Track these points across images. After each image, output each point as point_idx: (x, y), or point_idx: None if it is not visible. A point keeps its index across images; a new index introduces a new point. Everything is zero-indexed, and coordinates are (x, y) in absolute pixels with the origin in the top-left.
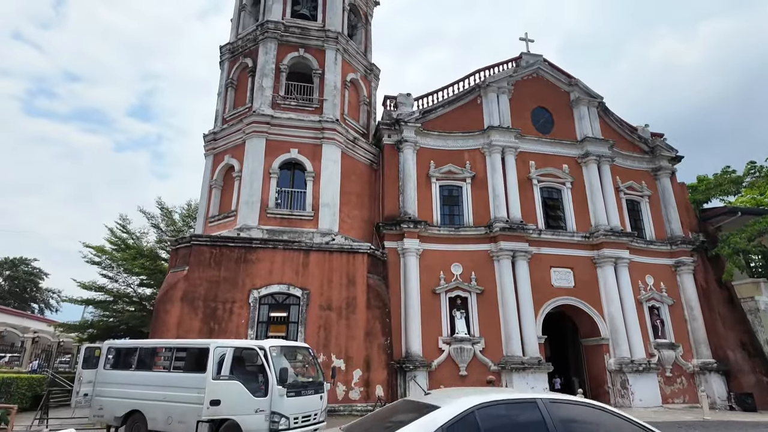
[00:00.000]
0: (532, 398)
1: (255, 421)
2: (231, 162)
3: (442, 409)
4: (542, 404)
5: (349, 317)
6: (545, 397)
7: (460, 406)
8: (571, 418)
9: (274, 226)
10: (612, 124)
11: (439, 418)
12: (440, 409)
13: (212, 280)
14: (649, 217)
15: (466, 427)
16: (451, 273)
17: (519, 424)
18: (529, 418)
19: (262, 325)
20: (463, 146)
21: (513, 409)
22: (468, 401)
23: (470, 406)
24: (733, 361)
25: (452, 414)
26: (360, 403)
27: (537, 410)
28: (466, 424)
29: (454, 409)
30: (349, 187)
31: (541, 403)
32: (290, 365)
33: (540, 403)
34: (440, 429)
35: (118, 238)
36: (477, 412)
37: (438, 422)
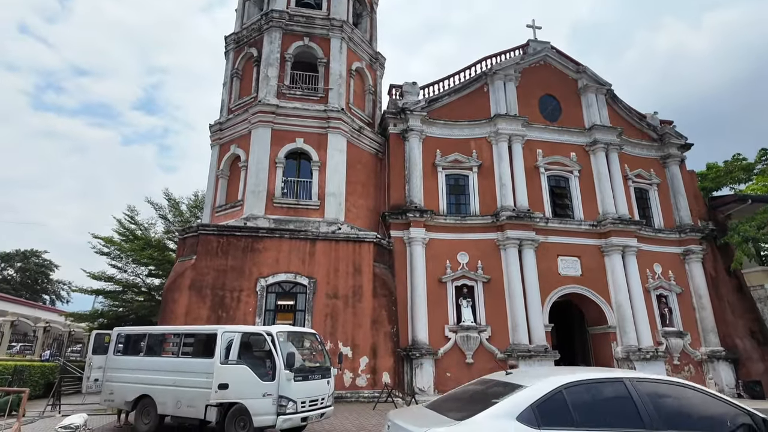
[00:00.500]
0: (619, 377)
1: (263, 405)
2: (237, 152)
3: (530, 388)
4: (629, 383)
5: (355, 305)
6: (632, 376)
7: (548, 386)
8: (659, 396)
9: (280, 216)
10: (620, 111)
11: (528, 396)
12: (528, 388)
13: (219, 268)
14: (657, 206)
15: (555, 406)
16: (458, 262)
17: (607, 403)
18: (617, 396)
19: (270, 313)
20: (470, 135)
21: (600, 388)
22: (555, 381)
23: (558, 386)
24: (741, 349)
25: (541, 393)
26: (367, 390)
27: (624, 388)
28: (555, 402)
29: (542, 388)
30: (354, 176)
31: (628, 382)
32: (297, 350)
33: (627, 382)
34: (530, 407)
35: (127, 229)
36: (565, 391)
37: (528, 400)
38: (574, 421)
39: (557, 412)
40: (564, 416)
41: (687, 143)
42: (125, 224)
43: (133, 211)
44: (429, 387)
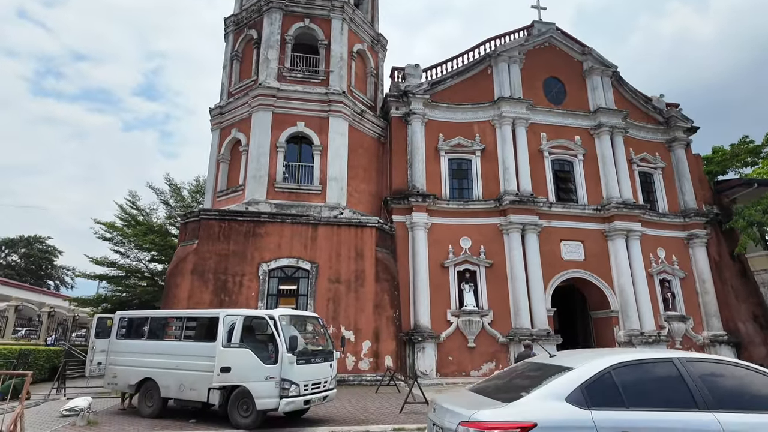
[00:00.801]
0: (669, 357)
1: (265, 388)
2: (238, 136)
3: (578, 370)
4: (679, 363)
5: (357, 290)
6: (682, 356)
7: (596, 367)
8: (711, 375)
9: (282, 200)
10: (626, 94)
11: (576, 377)
12: (576, 369)
13: (221, 253)
14: (662, 190)
15: (604, 387)
16: (460, 247)
17: (658, 383)
18: (667, 376)
19: (272, 297)
20: (473, 118)
21: (649, 369)
22: (603, 362)
23: (606, 366)
24: (744, 334)
25: (589, 374)
26: (369, 374)
27: (674, 368)
28: (604, 383)
29: (590, 369)
30: (356, 160)
31: (678, 362)
32: (300, 334)
33: (677, 362)
34: (578, 388)
35: (128, 215)
36: (613, 371)
37: (576, 382)
38: (624, 402)
39: (606, 393)
40: (614, 397)
41: (693, 126)
42: (127, 209)
43: (134, 196)
44: (431, 370)
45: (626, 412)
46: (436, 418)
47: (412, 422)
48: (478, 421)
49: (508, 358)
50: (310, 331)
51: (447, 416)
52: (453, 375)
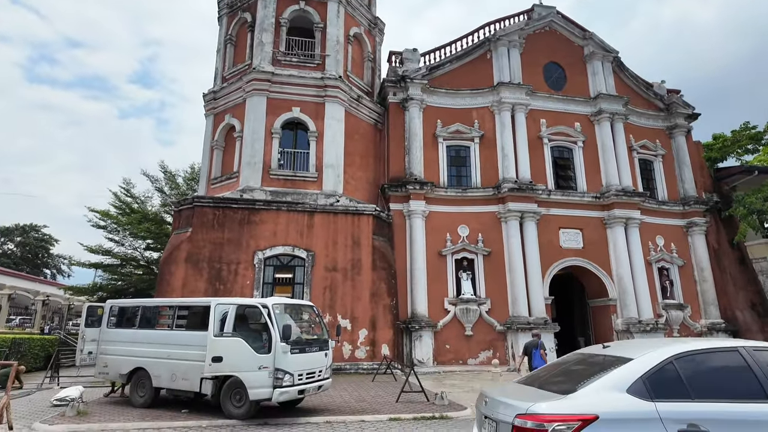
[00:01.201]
0: (734, 346)
1: (258, 378)
2: (232, 122)
3: (638, 360)
4: (745, 352)
5: (354, 278)
6: (748, 345)
7: (657, 357)
8: None
9: (277, 188)
10: (627, 80)
11: (637, 368)
12: (635, 360)
13: (216, 241)
14: (662, 177)
15: (666, 377)
16: (458, 235)
17: (723, 373)
18: (733, 366)
19: (268, 286)
20: (472, 104)
21: (713, 358)
22: (664, 352)
23: (668, 356)
24: (741, 322)
25: (650, 364)
26: (366, 362)
27: (740, 358)
28: (666, 374)
29: (651, 360)
30: (353, 147)
31: (744, 351)
32: (294, 323)
33: (743, 351)
34: (640, 379)
35: (123, 203)
36: (675, 362)
37: (637, 372)
38: (689, 393)
39: (669, 383)
40: (677, 388)
41: (694, 113)
42: (121, 197)
43: (129, 184)
44: (428, 359)
45: (692, 404)
46: (488, 410)
47: (408, 411)
48: (536, 414)
49: (506, 347)
50: (305, 319)
51: (501, 408)
52: (450, 363)
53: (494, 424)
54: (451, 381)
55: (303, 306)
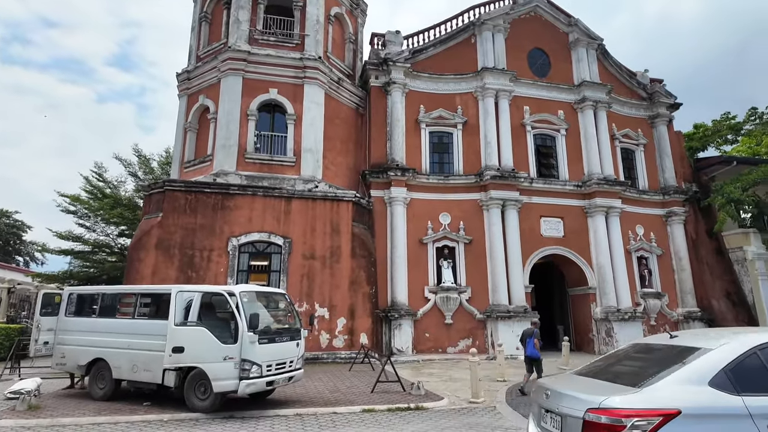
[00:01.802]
0: None
1: (223, 369)
2: (206, 103)
3: (718, 351)
4: None
5: (333, 266)
6: None
7: (740, 347)
8: None
9: (253, 172)
10: (611, 68)
11: (718, 359)
12: (715, 350)
13: (188, 227)
14: (643, 166)
15: (751, 369)
16: (440, 223)
17: None
18: None
19: (243, 273)
20: (455, 89)
21: None
22: (747, 341)
23: (751, 347)
24: (717, 311)
25: (733, 355)
26: (344, 351)
27: None
28: (751, 365)
29: (733, 350)
30: (333, 131)
31: None
32: (264, 311)
33: None
34: (722, 371)
35: (94, 187)
36: (759, 352)
37: (719, 364)
38: None
39: (756, 376)
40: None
41: (676, 103)
42: (93, 182)
43: (101, 168)
44: (407, 348)
45: None
46: (551, 404)
47: (383, 402)
48: (611, 408)
49: (485, 335)
50: (276, 308)
51: (567, 402)
52: (429, 352)
53: (558, 418)
54: (429, 370)
55: (274, 294)
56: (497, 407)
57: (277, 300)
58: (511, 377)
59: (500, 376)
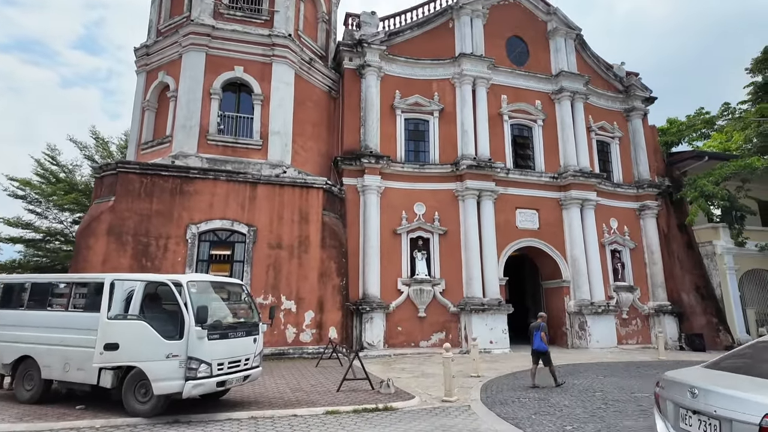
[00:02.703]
0: None
1: (166, 368)
2: (166, 80)
3: None
4: None
5: (301, 256)
6: None
7: None
8: None
9: (215, 155)
10: (588, 59)
11: None
12: None
13: (143, 212)
14: (618, 160)
15: None
16: (414, 213)
17: None
18: None
19: (203, 263)
20: (432, 75)
21: None
22: None
23: None
24: (686, 304)
25: None
26: (311, 346)
27: None
28: None
29: None
30: (303, 114)
31: None
32: (217, 304)
33: None
34: None
35: (47, 171)
36: None
37: None
38: None
39: None
40: None
41: (651, 97)
42: (46, 165)
43: (54, 150)
44: (378, 342)
45: None
46: (701, 404)
47: (349, 402)
48: None
49: (459, 328)
50: (231, 300)
51: (731, 404)
52: (402, 346)
53: (714, 422)
54: (401, 365)
55: (228, 284)
56: (472, 406)
57: (233, 291)
58: (485, 372)
59: (474, 371)
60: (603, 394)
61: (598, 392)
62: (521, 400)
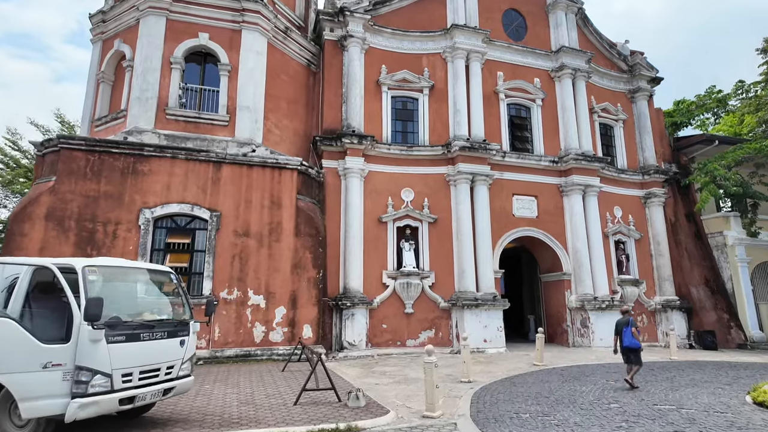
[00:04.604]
0: None
1: (41, 382)
2: (122, 48)
3: None
4: None
5: (272, 246)
6: None
7: None
8: None
9: (175, 131)
10: (590, 36)
11: None
12: None
13: (89, 194)
14: (622, 144)
15: None
16: (401, 199)
17: None
18: None
19: (159, 253)
20: (422, 49)
21: None
22: None
23: None
24: (696, 299)
25: None
26: (282, 346)
27: None
28: None
29: None
30: (278, 89)
31: None
32: (128, 296)
33: None
34: None
35: (7, 156)
36: None
37: None
38: None
39: None
40: None
41: (657, 77)
42: (6, 151)
43: (14, 134)
44: (360, 341)
45: None
46: None
47: (304, 421)
48: None
49: (450, 326)
50: (153, 292)
51: None
52: (387, 345)
53: None
54: (383, 368)
55: (152, 273)
56: (458, 425)
57: (156, 281)
58: (477, 377)
59: (465, 375)
60: (620, 406)
61: (613, 404)
62: (521, 416)
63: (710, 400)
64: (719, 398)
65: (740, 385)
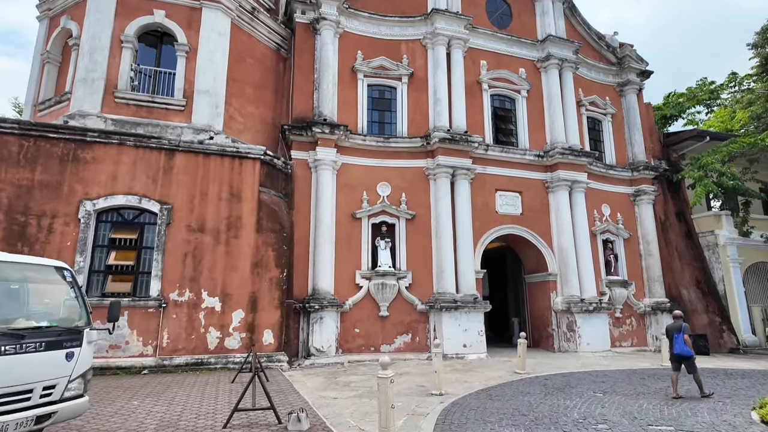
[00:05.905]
0: None
1: None
2: (69, 26)
3: None
4: None
5: (230, 242)
6: None
7: None
8: None
9: (125, 116)
10: (578, 26)
11: None
12: None
13: (21, 184)
14: (611, 139)
15: None
16: (377, 194)
17: None
18: None
19: (101, 249)
20: (401, 35)
21: None
22: None
23: None
24: (687, 301)
25: None
26: (239, 353)
27: None
28: None
29: None
30: (242, 73)
31: None
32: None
33: None
34: None
35: None
36: None
37: None
38: None
39: None
40: None
41: (646, 70)
42: None
43: None
44: (329, 347)
45: None
46: None
47: None
48: None
49: (428, 329)
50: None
51: None
52: (359, 351)
53: None
54: (348, 377)
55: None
56: None
57: (41, 279)
58: (451, 387)
59: (437, 387)
60: (608, 428)
61: (601, 424)
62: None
63: (712, 418)
64: (721, 415)
65: (742, 399)
